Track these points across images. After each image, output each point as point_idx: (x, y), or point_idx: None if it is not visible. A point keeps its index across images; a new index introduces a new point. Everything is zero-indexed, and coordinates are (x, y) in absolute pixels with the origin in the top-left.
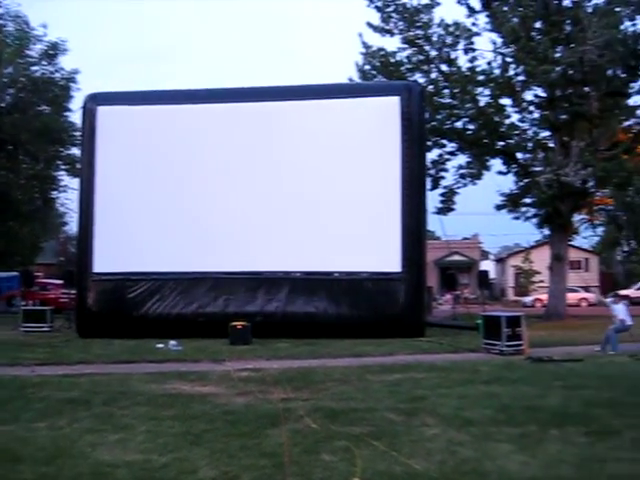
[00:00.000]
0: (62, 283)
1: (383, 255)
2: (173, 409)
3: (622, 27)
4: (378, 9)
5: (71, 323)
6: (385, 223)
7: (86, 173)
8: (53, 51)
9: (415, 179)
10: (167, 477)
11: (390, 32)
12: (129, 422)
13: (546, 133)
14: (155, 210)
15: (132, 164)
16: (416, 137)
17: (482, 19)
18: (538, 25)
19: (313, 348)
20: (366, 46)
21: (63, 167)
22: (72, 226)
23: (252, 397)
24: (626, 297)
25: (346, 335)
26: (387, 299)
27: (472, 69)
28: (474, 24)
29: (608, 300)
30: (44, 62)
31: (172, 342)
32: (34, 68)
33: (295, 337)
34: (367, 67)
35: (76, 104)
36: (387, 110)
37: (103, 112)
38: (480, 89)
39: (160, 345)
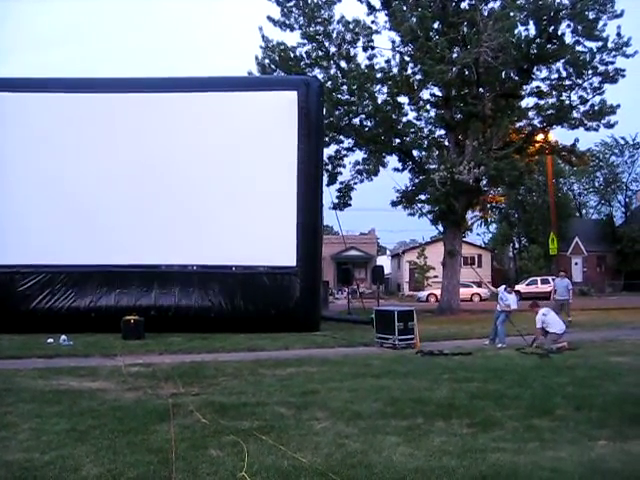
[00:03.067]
0: None
1: (279, 249)
2: (60, 405)
3: (516, 31)
4: (279, 3)
5: None
6: (281, 217)
7: None
8: None
9: (311, 174)
10: (49, 476)
11: (290, 27)
12: (12, 420)
13: (441, 132)
14: (45, 201)
15: (22, 153)
16: (313, 132)
17: (382, 17)
18: (436, 26)
19: (207, 342)
20: (266, 40)
21: None
22: None
23: (142, 392)
24: (517, 292)
25: (242, 329)
26: (283, 293)
27: (371, 66)
28: (374, 22)
29: (500, 289)
30: None
31: (63, 337)
32: None
33: (189, 331)
34: (267, 61)
35: None
36: (285, 104)
37: None
38: (378, 86)
39: (50, 340)
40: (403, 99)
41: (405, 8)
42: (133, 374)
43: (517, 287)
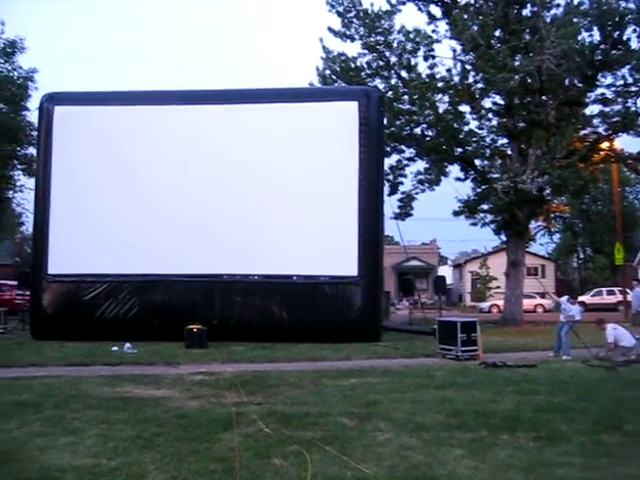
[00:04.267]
0: (17, 284)
1: (341, 259)
2: (125, 413)
3: (580, 37)
4: (339, 14)
5: (25, 325)
6: (343, 227)
7: (42, 173)
8: (11, 49)
9: (372, 184)
10: None
11: (351, 37)
12: (79, 426)
13: (504, 140)
14: (110, 212)
15: (88, 165)
16: (374, 142)
17: (442, 26)
18: (497, 33)
19: (268, 352)
20: (327, 51)
21: (19, 167)
22: (28, 227)
23: (205, 401)
24: (582, 303)
25: (303, 339)
26: (344, 303)
27: (432, 76)
28: (434, 31)
29: (562, 300)
30: (1, 60)
31: (127, 345)
32: None
33: (251, 341)
34: (327, 72)
35: (34, 103)
36: (346, 115)
37: (60, 112)
38: (439, 96)
39: (115, 348)
40: (465, 108)
41: (466, 16)
42: (196, 383)
43: (582, 298)
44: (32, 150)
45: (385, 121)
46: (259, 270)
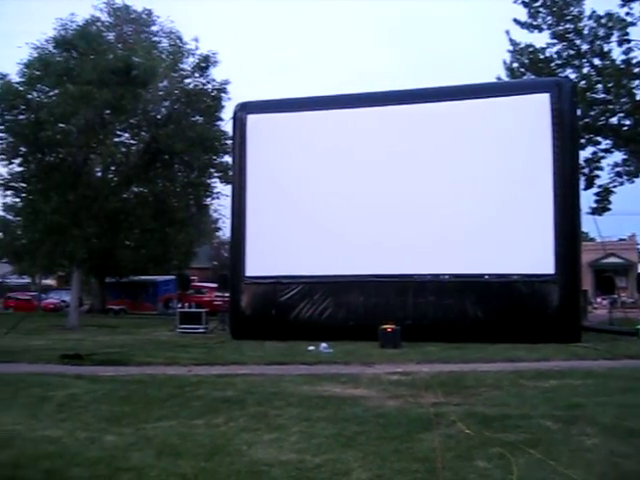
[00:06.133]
0: (216, 286)
1: (535, 256)
2: (325, 411)
3: None
4: (525, 4)
5: (225, 325)
6: (537, 223)
7: (238, 180)
8: (204, 63)
9: (568, 178)
10: (321, 478)
11: (538, 27)
12: (283, 422)
13: None
14: (304, 214)
15: (281, 170)
16: (568, 135)
17: (637, 8)
18: None
19: (464, 352)
20: (514, 43)
21: (216, 174)
22: (225, 231)
23: (403, 401)
24: None
25: (497, 339)
26: (540, 302)
27: (627, 61)
28: (628, 14)
29: None
30: (196, 74)
31: (323, 345)
32: (187, 80)
33: (445, 341)
34: (515, 65)
35: (227, 113)
36: (537, 108)
37: (253, 120)
38: (636, 82)
39: (311, 347)
40: None
41: None
42: (393, 382)
43: None
44: (227, 158)
45: (578, 112)
46: (449, 269)
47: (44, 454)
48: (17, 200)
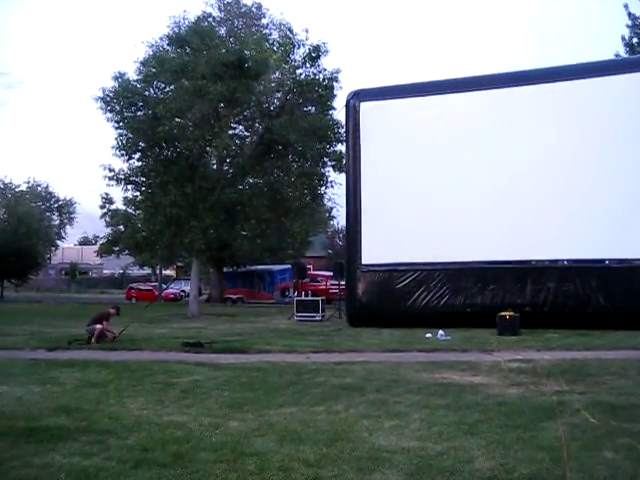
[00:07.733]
0: (331, 275)
1: None
2: (445, 398)
3: None
4: None
5: (341, 313)
6: None
7: (352, 168)
8: (315, 53)
9: None
10: (443, 465)
11: None
12: (403, 410)
13: None
14: (419, 201)
15: (395, 157)
16: None
17: None
18: None
19: (586, 339)
20: (633, 17)
21: (330, 163)
22: (339, 220)
23: (524, 389)
24: None
25: (620, 326)
26: None
27: None
28: None
29: None
30: (307, 64)
31: (440, 332)
32: (299, 71)
33: (565, 328)
34: (635, 40)
35: (339, 102)
36: None
37: (366, 108)
38: None
39: (429, 335)
40: None
41: None
42: (513, 370)
43: None
44: (340, 147)
45: None
46: (568, 255)
47: (171, 438)
48: (137, 194)
